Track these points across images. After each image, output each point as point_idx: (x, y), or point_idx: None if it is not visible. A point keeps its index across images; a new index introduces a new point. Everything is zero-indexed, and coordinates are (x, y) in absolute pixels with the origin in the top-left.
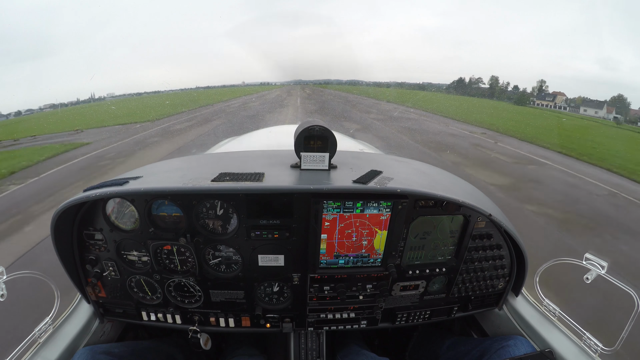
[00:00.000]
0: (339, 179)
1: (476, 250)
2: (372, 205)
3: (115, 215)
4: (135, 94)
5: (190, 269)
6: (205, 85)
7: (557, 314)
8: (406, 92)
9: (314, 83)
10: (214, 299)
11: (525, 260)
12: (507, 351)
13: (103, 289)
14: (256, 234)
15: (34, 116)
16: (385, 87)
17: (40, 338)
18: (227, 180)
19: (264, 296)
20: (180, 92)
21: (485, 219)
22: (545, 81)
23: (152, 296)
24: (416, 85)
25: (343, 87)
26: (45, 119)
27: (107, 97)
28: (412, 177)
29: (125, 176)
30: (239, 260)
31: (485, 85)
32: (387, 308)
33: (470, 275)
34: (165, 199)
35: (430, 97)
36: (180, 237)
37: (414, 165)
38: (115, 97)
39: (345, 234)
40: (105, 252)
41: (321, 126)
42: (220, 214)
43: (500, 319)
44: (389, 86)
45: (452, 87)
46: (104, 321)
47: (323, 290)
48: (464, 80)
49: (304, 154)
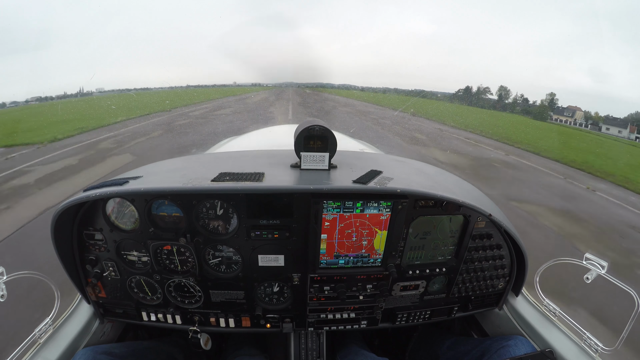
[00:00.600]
0: (339, 179)
1: (476, 250)
2: (372, 205)
3: (115, 215)
4: (125, 90)
5: (190, 269)
6: (197, 84)
7: (557, 313)
8: (420, 100)
9: (306, 86)
10: (214, 299)
11: (525, 260)
12: (507, 351)
13: (103, 289)
14: (256, 234)
15: (17, 109)
16: (382, 92)
17: (41, 338)
18: (227, 180)
19: (264, 296)
20: (169, 90)
21: (485, 218)
22: (555, 94)
23: (152, 296)
24: (415, 92)
25: (342, 92)
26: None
27: (95, 92)
28: (412, 177)
29: (125, 176)
30: (239, 260)
31: (493, 95)
32: (387, 308)
33: (471, 275)
34: (165, 199)
35: (443, 107)
36: (180, 237)
37: (414, 165)
38: (104, 93)
39: (345, 234)
40: (105, 252)
41: (321, 126)
42: (220, 214)
43: (501, 319)
44: (385, 92)
45: (458, 96)
46: (104, 321)
47: (323, 291)
48: (471, 89)
49: (304, 154)
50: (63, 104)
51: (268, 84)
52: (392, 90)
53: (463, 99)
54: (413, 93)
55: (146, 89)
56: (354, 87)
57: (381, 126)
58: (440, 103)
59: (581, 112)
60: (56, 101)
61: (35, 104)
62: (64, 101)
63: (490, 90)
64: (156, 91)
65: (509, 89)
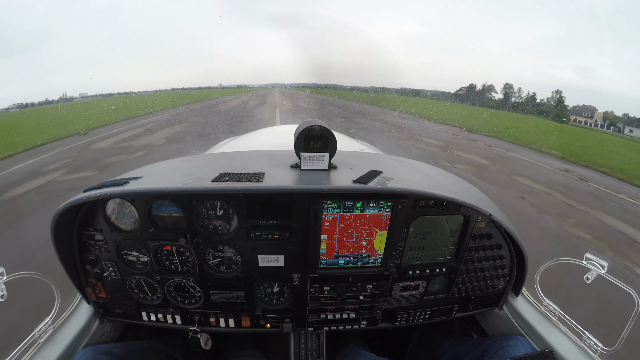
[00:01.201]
0: (339, 179)
1: (476, 250)
2: (372, 206)
3: (116, 215)
4: (108, 95)
5: (190, 269)
6: (181, 87)
7: (557, 314)
8: (426, 101)
9: (292, 86)
10: (214, 300)
11: (526, 260)
12: (507, 351)
13: (103, 289)
14: (256, 234)
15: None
16: (372, 92)
17: (40, 338)
18: (227, 180)
19: (264, 296)
20: (153, 93)
21: (485, 218)
22: (561, 91)
23: (152, 297)
24: (410, 91)
25: (342, 93)
26: None
27: (78, 97)
28: (412, 177)
29: (125, 176)
30: (239, 260)
31: (497, 94)
32: (387, 308)
33: (471, 275)
34: (165, 199)
35: (449, 108)
36: (180, 237)
37: (414, 165)
38: (86, 98)
39: (345, 234)
40: (105, 253)
41: (321, 126)
42: (221, 214)
43: (501, 319)
44: (376, 92)
45: (459, 95)
46: (104, 321)
47: (323, 291)
48: (475, 87)
49: (304, 154)
50: (39, 112)
51: (253, 86)
52: (391, 90)
53: (464, 99)
54: (407, 92)
55: (128, 93)
56: (342, 87)
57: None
58: (440, 103)
59: (599, 112)
60: (37, 107)
61: (15, 111)
62: (45, 107)
63: (494, 88)
64: (138, 95)
65: (516, 86)
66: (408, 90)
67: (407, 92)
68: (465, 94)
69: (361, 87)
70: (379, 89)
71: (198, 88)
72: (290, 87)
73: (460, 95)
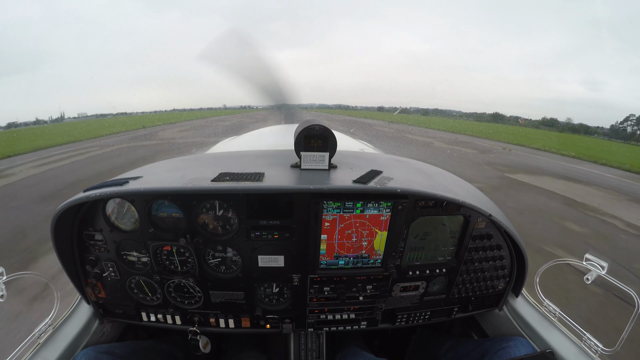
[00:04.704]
0: (339, 179)
1: (476, 250)
2: (372, 206)
3: (115, 215)
4: (100, 115)
5: (190, 269)
6: (182, 107)
7: (557, 314)
8: (481, 125)
9: (300, 107)
10: (213, 300)
11: (526, 261)
12: (507, 352)
13: (103, 289)
14: (256, 234)
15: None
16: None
17: (40, 338)
18: (227, 180)
19: (264, 297)
20: (151, 114)
21: (485, 219)
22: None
23: (152, 297)
24: (419, 111)
25: (361, 113)
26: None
27: (69, 118)
28: (412, 177)
29: (125, 176)
30: (239, 260)
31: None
32: (387, 309)
33: (471, 275)
34: (165, 199)
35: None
36: (180, 237)
37: (414, 165)
38: (78, 118)
39: (345, 235)
40: (105, 253)
41: (321, 125)
42: (220, 214)
43: (501, 320)
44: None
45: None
46: (104, 322)
47: (323, 291)
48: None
49: (304, 154)
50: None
51: (258, 107)
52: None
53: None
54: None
55: (124, 113)
56: (353, 108)
57: None
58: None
59: None
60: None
61: (2, 131)
62: (50, 126)
63: None
64: (134, 116)
65: None
66: (431, 111)
67: (430, 112)
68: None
69: (369, 107)
70: (393, 108)
71: (200, 109)
72: (299, 107)
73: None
